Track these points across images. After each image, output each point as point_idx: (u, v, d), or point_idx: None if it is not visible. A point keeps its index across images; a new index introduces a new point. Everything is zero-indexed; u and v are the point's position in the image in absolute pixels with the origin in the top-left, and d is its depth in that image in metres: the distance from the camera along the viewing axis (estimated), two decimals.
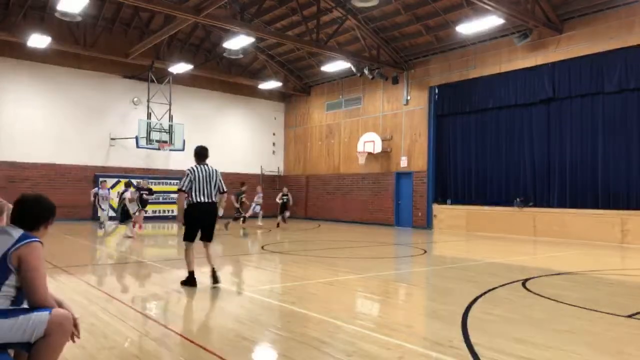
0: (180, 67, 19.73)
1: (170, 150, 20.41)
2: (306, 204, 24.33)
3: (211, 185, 6.63)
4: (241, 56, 20.97)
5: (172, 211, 20.73)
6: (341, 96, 22.91)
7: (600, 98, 14.84)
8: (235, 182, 18.99)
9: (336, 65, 19.58)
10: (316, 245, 13.18)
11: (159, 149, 20.04)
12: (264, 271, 8.70)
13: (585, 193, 15.11)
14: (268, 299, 6.09)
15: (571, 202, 15.34)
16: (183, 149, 20.46)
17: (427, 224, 18.80)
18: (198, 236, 6.71)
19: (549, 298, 6.16)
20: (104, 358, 3.75)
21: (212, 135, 22.26)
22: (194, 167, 6.63)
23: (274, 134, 25.91)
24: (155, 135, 19.73)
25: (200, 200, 6.54)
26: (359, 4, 15.79)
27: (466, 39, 17.19)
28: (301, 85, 24.51)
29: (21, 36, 16.82)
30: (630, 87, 14.08)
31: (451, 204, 18.34)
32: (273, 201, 18.90)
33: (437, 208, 18.66)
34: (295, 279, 7.80)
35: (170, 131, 20.18)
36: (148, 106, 19.96)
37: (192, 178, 6.51)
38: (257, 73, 23.96)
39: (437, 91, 19.03)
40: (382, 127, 20.80)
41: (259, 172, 24.68)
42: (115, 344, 4.08)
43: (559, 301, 5.96)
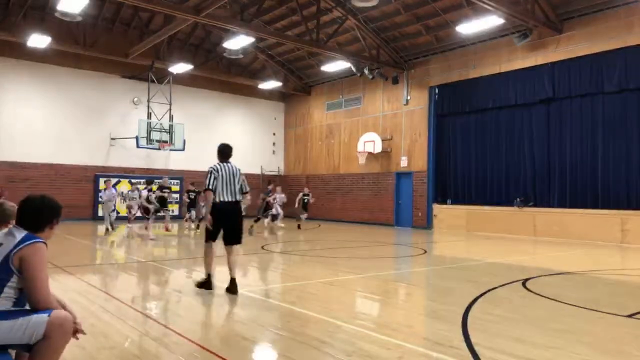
0: (180, 67, 19.74)
1: (170, 150, 20.42)
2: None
3: (235, 184, 6.33)
4: (241, 56, 20.99)
5: (173, 211, 20.69)
6: (341, 96, 22.91)
7: (600, 98, 14.84)
8: None
9: (336, 65, 19.59)
10: (316, 245, 13.18)
11: (159, 149, 20.03)
12: (264, 271, 8.70)
13: (585, 193, 15.11)
14: (268, 299, 6.10)
15: (571, 202, 15.35)
16: (183, 149, 20.51)
17: (427, 224, 18.79)
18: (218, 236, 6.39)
19: (549, 298, 6.17)
20: (104, 358, 3.76)
21: (212, 135, 22.23)
22: (218, 165, 6.33)
23: (274, 134, 25.92)
24: (155, 135, 19.73)
25: (223, 199, 6.24)
26: (359, 4, 15.78)
27: (466, 39, 17.19)
28: (301, 85, 24.50)
29: (21, 36, 16.82)
30: (630, 87, 14.09)
31: (451, 204, 18.34)
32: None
33: (437, 208, 18.66)
34: (295, 279, 7.81)
35: (170, 131, 20.18)
36: (148, 106, 19.96)
37: (217, 176, 6.24)
38: (257, 73, 23.96)
39: (437, 91, 19.04)
40: (382, 127, 20.80)
41: (259, 172, 24.68)
42: (115, 344, 4.09)
43: (559, 301, 5.96)
